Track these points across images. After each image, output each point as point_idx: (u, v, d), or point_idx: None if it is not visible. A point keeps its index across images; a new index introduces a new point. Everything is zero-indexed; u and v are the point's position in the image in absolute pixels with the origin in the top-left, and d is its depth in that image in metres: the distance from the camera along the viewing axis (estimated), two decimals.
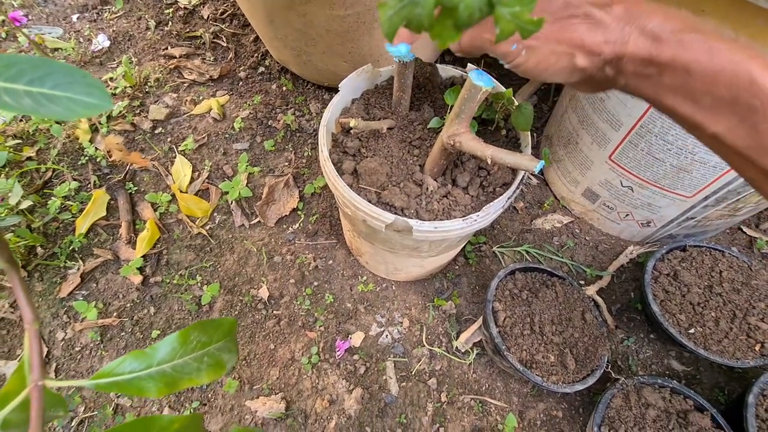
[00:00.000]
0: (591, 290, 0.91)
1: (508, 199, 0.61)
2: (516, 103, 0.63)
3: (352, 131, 0.67)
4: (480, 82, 0.47)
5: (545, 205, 1.06)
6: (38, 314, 0.28)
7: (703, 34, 0.29)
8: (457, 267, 0.97)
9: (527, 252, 0.98)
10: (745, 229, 1.03)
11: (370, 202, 0.61)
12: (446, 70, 0.75)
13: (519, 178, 0.62)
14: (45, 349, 0.87)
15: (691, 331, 0.77)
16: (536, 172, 0.50)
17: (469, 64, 0.73)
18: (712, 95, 0.29)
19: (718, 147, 0.32)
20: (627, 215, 0.94)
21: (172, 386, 0.30)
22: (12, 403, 0.29)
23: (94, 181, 1.05)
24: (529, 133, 0.65)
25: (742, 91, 0.28)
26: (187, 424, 0.30)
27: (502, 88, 0.67)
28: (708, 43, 0.28)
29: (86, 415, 0.80)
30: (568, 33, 0.32)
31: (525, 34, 0.19)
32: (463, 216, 0.61)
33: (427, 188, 0.63)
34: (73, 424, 0.79)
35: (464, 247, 0.97)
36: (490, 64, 1.13)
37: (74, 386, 0.79)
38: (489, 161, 0.52)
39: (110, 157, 1.06)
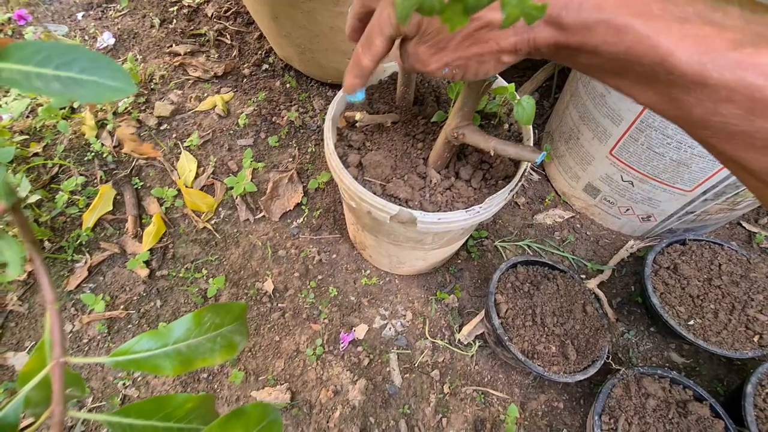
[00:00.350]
0: (592, 284, 0.92)
1: (511, 191, 0.62)
2: (518, 98, 0.64)
3: (357, 125, 0.68)
4: None
5: (546, 200, 1.07)
6: (58, 294, 0.30)
7: (608, 11, 0.28)
8: (459, 261, 0.98)
9: (529, 246, 0.99)
10: (744, 224, 1.04)
11: (374, 194, 0.62)
12: None
13: (521, 170, 0.64)
14: None
15: (691, 322, 0.78)
16: (538, 163, 0.51)
17: None
18: (629, 71, 0.29)
19: (658, 114, 0.32)
20: (627, 210, 0.95)
21: (187, 365, 0.31)
22: (34, 380, 0.30)
23: (101, 177, 1.06)
24: (531, 127, 0.66)
25: (655, 67, 0.27)
26: (200, 404, 0.31)
27: (505, 83, 0.68)
28: (614, 21, 0.27)
29: (94, 405, 0.82)
30: (482, 45, 0.33)
31: (530, 19, 0.20)
32: (466, 207, 0.62)
33: (431, 181, 0.64)
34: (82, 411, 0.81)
35: (466, 241, 0.98)
36: None
37: (89, 369, 0.80)
38: (492, 153, 0.53)
39: (122, 148, 1.08)
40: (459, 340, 0.88)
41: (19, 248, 0.30)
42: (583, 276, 0.96)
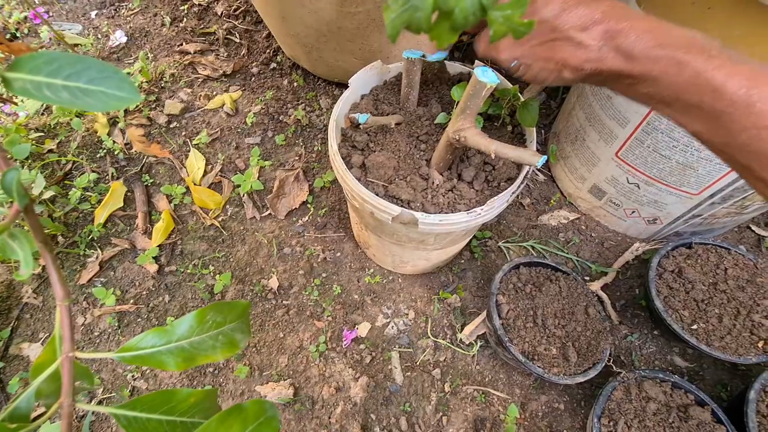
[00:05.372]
0: (595, 286, 0.92)
1: (513, 193, 0.62)
2: (522, 99, 0.64)
3: (361, 126, 0.69)
4: (485, 78, 0.49)
5: (552, 201, 1.07)
6: (69, 291, 0.31)
7: (672, 49, 0.33)
8: (462, 261, 0.98)
9: (533, 247, 0.99)
10: (753, 227, 1.03)
11: (377, 194, 0.63)
12: (454, 67, 0.76)
13: (523, 173, 0.64)
14: None
15: (694, 327, 0.78)
16: (538, 167, 0.51)
17: (476, 61, 0.74)
18: (682, 101, 0.33)
19: (703, 143, 0.35)
20: (633, 212, 0.95)
21: (190, 361, 0.32)
22: (45, 372, 0.31)
23: (112, 173, 1.08)
24: (534, 129, 0.66)
25: (706, 97, 0.31)
26: (203, 398, 0.32)
27: (509, 85, 0.68)
28: (676, 57, 0.33)
29: (104, 396, 0.84)
30: (554, 53, 0.38)
31: (517, 35, 0.21)
32: (468, 209, 0.62)
33: (433, 182, 0.65)
34: (91, 403, 0.83)
35: (470, 241, 0.98)
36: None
37: (99, 361, 0.83)
38: (493, 156, 0.53)
39: (132, 148, 1.10)
40: (461, 339, 0.89)
41: (32, 247, 0.31)
42: (587, 278, 0.96)
